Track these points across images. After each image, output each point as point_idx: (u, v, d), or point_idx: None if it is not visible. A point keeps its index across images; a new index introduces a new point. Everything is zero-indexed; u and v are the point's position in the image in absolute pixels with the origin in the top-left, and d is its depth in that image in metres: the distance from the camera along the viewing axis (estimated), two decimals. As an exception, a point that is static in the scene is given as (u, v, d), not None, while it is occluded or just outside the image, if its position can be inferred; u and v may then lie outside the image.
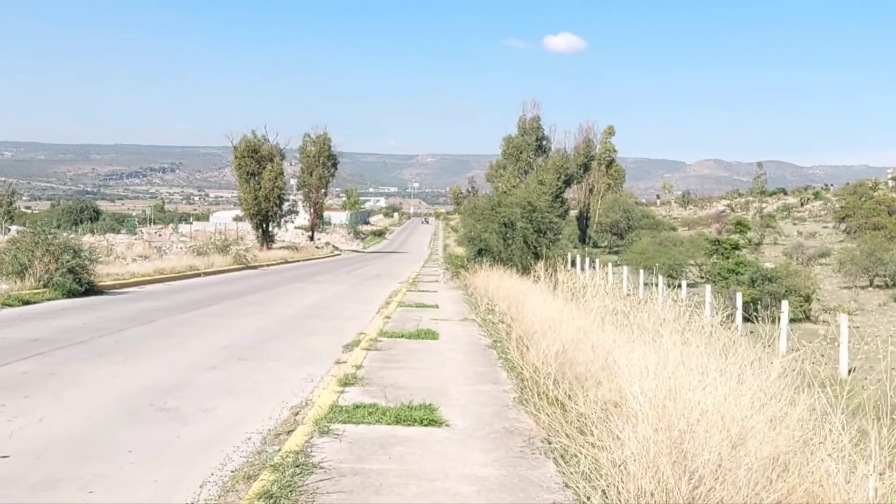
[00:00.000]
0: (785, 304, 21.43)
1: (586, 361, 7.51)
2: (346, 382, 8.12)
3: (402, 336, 12.12)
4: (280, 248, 57.45)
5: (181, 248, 45.47)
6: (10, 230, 69.37)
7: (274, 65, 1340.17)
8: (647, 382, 5.31)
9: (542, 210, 24.23)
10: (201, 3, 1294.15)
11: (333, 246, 71.57)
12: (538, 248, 23.55)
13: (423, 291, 23.00)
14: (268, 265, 39.55)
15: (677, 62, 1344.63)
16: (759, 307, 29.75)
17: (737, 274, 46.94)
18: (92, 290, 19.03)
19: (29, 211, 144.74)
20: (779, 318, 27.29)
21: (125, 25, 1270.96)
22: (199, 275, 28.47)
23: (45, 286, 17.65)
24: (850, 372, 16.86)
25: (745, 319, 22.33)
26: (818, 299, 33.16)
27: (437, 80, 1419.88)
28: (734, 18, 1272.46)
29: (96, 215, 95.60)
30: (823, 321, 30.42)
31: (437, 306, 17.92)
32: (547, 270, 21.17)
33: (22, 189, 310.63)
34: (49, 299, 16.96)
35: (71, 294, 17.81)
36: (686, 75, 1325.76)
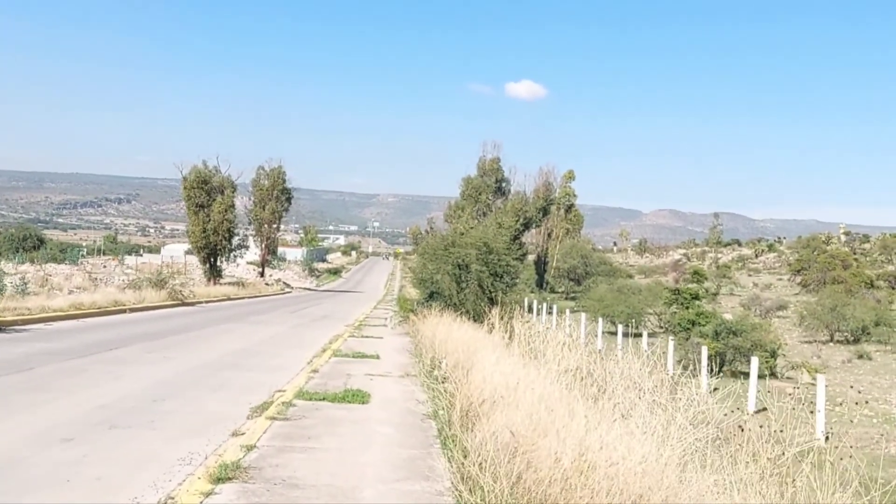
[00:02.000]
0: (754, 361, 19.97)
1: (552, 455, 5.57)
2: (222, 476, 6.01)
3: (323, 398, 10.02)
4: (228, 283, 54.78)
5: (123, 280, 42.65)
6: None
7: (239, 100, 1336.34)
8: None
9: (499, 252, 22.37)
10: (170, 34, 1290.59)
11: (284, 283, 68.93)
12: (493, 294, 21.66)
13: (366, 337, 20.90)
14: (207, 302, 37.01)
15: (636, 112, 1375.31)
16: (724, 361, 28.33)
17: (698, 325, 45.69)
18: (-19, 327, 16.63)
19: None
20: (741, 373, 25.77)
21: (89, 55, 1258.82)
22: (124, 311, 25.97)
23: (-80, 321, 15.22)
24: (826, 438, 15.29)
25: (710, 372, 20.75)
26: (783, 355, 31.85)
27: (400, 122, 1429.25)
28: (692, 72, 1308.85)
29: (39, 244, 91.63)
30: (788, 378, 29.04)
31: (377, 356, 15.84)
32: (502, 318, 19.31)
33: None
34: (-78, 337, 14.54)
35: (-47, 331, 15.40)
36: (644, 126, 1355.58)
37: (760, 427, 8.47)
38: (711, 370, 21.37)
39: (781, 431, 7.93)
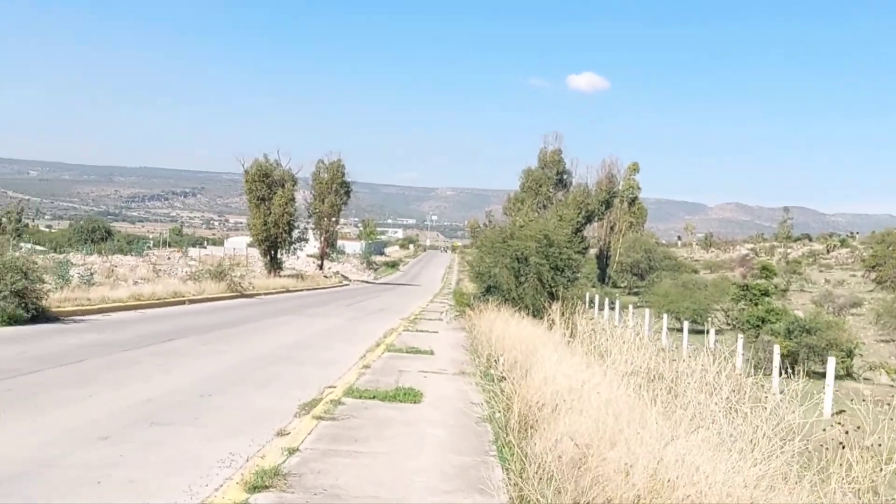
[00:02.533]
0: (831, 362, 18.80)
1: (622, 469, 4.92)
2: (259, 485, 5.54)
3: (374, 397, 9.52)
4: (287, 275, 55.12)
5: (186, 272, 43.18)
6: (21, 248, 67.75)
7: (299, 96, 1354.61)
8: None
9: (560, 245, 21.56)
10: (232, 32, 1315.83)
11: (343, 276, 69.13)
12: (554, 288, 20.91)
13: (421, 332, 20.41)
14: (266, 294, 37.13)
15: (701, 105, 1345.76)
16: (796, 360, 26.96)
17: (769, 322, 43.99)
18: (42, 316, 16.67)
19: (48, 230, 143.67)
20: (815, 374, 24.43)
21: (152, 50, 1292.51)
22: (183, 302, 26.08)
23: (-19, 311, 15.30)
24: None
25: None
26: (860, 354, 30.27)
27: (460, 116, 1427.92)
28: (760, 65, 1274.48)
29: (107, 235, 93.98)
30: (866, 379, 27.54)
31: (431, 352, 15.32)
32: (563, 314, 18.56)
33: (45, 208, 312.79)
34: (-19, 327, 14.60)
35: (12, 321, 15.42)
36: (710, 118, 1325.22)
37: (847, 433, 7.64)
38: (784, 370, 20.26)
39: (880, 445, 7.12)
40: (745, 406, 8.36)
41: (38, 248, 71.76)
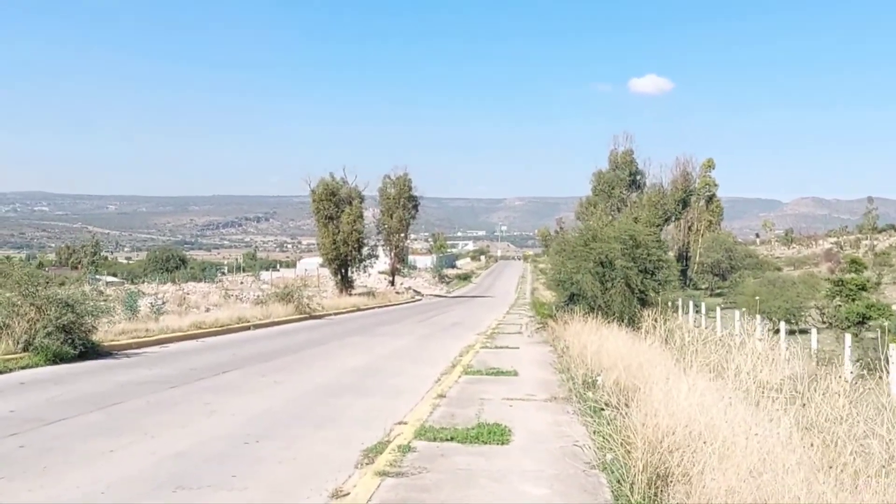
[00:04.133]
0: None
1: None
2: None
3: (451, 438, 7.71)
4: (359, 294, 54.06)
5: (257, 296, 42.47)
6: (98, 280, 68.93)
7: (364, 117, 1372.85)
8: None
9: (648, 245, 19.45)
10: (294, 54, 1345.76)
11: (415, 291, 67.81)
12: (644, 293, 18.80)
13: (500, 348, 18.57)
14: (336, 314, 35.88)
15: (767, 100, 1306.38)
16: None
17: (870, 319, 40.78)
18: (92, 351, 15.51)
19: (127, 262, 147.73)
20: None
21: (221, 87, 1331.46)
22: (248, 328, 24.91)
23: (24, 350, 14.18)
24: None
25: None
26: None
27: (524, 126, 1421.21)
28: (825, 58, 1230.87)
29: (181, 263, 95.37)
30: None
31: (515, 373, 13.46)
32: (655, 321, 16.48)
33: (124, 241, 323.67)
34: (24, 367, 13.43)
35: (58, 359, 14.27)
36: (776, 114, 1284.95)
37: None
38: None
39: None
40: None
41: (113, 279, 73.10)
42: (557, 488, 6.17)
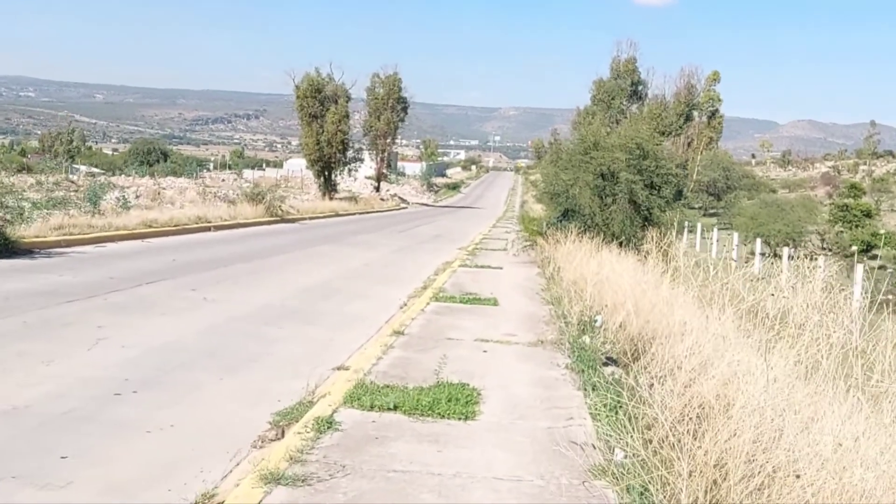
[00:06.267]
0: None
1: None
2: None
3: (395, 406, 5.45)
4: (341, 198, 51.60)
5: (228, 194, 39.95)
6: (79, 170, 65.92)
7: (357, 17, 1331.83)
8: None
9: (657, 157, 17.03)
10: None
11: (401, 198, 65.28)
12: (650, 211, 16.51)
13: (482, 268, 16.35)
14: (311, 218, 33.55)
15: (769, 18, 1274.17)
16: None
17: (876, 247, 39.40)
18: (4, 248, 13.24)
19: (113, 153, 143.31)
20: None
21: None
22: (208, 229, 22.57)
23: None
24: None
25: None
26: None
27: (522, 34, 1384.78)
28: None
29: (163, 157, 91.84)
30: None
31: (495, 302, 11.24)
32: (659, 244, 14.33)
33: (112, 132, 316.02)
34: None
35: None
36: (778, 34, 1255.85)
37: None
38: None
39: None
40: None
41: (94, 170, 70.02)
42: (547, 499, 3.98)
